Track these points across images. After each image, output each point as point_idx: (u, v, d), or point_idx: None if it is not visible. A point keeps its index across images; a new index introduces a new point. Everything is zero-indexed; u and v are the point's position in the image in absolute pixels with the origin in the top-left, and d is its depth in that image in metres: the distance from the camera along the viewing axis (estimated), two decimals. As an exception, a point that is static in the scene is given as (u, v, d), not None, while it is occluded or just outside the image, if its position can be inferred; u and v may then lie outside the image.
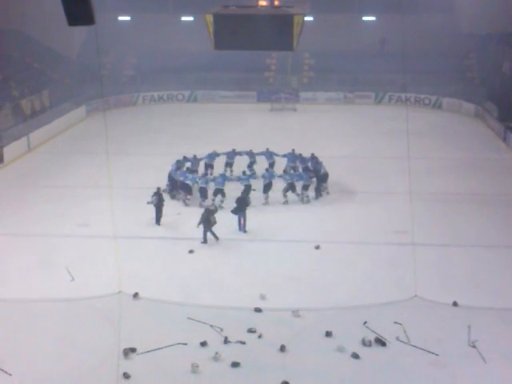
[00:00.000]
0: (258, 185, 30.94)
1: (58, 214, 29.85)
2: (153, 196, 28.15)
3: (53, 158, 39.50)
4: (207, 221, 26.36)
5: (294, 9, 25.80)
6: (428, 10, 56.84)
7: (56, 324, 20.41)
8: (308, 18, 43.10)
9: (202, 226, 26.51)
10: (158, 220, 28.28)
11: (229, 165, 34.47)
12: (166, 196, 29.56)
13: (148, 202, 28.13)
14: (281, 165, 34.38)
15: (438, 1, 57.64)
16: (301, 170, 32.88)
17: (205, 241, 26.53)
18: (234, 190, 30.25)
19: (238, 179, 30.92)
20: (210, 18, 24.32)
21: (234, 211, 27.77)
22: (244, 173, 31.95)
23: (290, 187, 30.80)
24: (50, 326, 20.30)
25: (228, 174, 33.45)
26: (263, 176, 31.16)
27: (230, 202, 28.72)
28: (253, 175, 32.31)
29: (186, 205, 30.46)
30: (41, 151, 41.25)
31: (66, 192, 32.78)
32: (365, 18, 59.78)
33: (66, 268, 23.97)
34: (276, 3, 28.77)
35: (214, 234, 26.62)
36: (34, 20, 51.87)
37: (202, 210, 27.19)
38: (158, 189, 28.50)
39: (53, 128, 44.67)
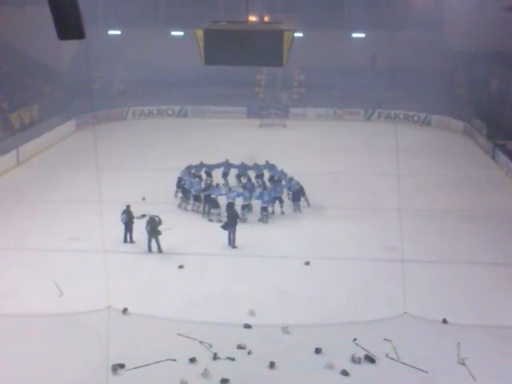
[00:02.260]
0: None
1: (47, 228, 29.75)
2: (122, 214, 28.05)
3: (42, 172, 39.38)
4: (150, 231, 26.78)
5: (283, 25, 25.88)
6: (417, 28, 57.13)
7: (44, 339, 20.30)
8: (298, 34, 43.10)
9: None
10: (125, 238, 28.04)
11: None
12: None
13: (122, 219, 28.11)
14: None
15: (427, 18, 58.03)
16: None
17: (149, 250, 27.07)
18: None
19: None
20: (200, 33, 24.36)
21: (224, 226, 27.75)
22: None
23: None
24: (37, 341, 20.18)
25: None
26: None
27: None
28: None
29: (211, 220, 30.75)
30: (30, 165, 41.13)
31: (56, 206, 32.68)
32: (354, 35, 59.99)
33: (55, 282, 23.84)
34: (266, 19, 28.98)
35: (149, 245, 27.02)
36: (24, 33, 51.75)
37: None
38: (128, 206, 28.34)
39: (42, 142, 44.56)
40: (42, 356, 19.31)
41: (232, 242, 27.68)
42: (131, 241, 27.96)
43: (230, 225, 27.70)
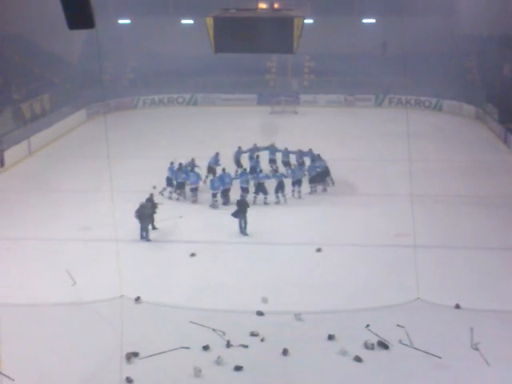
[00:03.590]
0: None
1: (59, 217, 29.83)
2: (146, 202, 28.08)
3: (53, 161, 39.48)
4: (139, 219, 26.94)
5: (293, 11, 25.84)
6: (428, 13, 56.85)
7: (58, 328, 20.38)
8: (308, 21, 42.99)
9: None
10: (152, 226, 28.22)
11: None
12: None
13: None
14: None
15: (438, 3, 57.68)
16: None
17: (142, 238, 27.12)
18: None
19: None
20: (210, 21, 24.37)
21: (235, 214, 27.74)
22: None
23: None
24: (51, 330, 20.26)
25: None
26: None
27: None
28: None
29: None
30: (41, 155, 41.23)
31: (67, 196, 32.77)
32: (365, 21, 59.76)
33: (68, 272, 23.92)
34: (276, 6, 28.79)
35: (146, 233, 27.16)
36: (35, 24, 51.81)
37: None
38: (151, 195, 28.40)
39: (53, 132, 44.67)
40: (55, 345, 19.39)
41: (243, 230, 27.69)
42: (153, 228, 27.99)
43: (241, 212, 27.69)
